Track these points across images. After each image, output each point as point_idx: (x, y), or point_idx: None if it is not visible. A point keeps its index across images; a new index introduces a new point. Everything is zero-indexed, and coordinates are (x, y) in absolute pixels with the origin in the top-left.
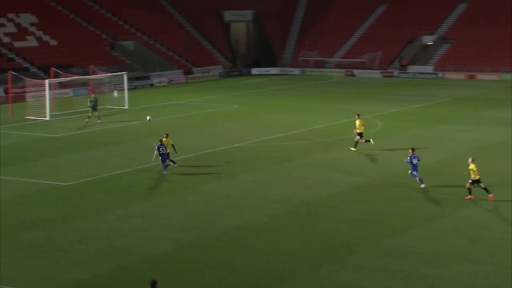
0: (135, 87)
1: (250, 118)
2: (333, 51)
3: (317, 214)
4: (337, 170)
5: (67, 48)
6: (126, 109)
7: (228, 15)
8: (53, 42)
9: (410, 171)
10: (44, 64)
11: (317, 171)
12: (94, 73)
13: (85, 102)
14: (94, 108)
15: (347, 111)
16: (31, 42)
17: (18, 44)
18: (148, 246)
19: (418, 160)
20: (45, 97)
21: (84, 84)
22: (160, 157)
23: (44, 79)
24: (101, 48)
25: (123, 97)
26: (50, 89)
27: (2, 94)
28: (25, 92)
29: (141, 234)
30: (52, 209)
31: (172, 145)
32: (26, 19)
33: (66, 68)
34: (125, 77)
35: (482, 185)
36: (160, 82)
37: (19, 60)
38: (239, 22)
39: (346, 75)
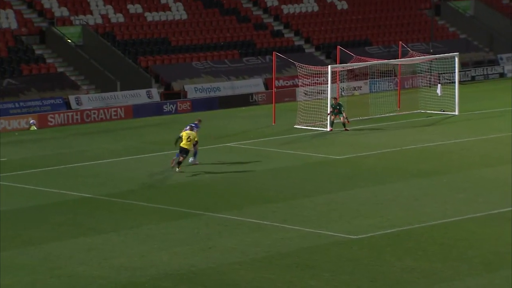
0: (473, 79)
1: None
2: None
3: None
4: None
5: (363, 14)
6: (455, 115)
7: None
8: (342, 5)
9: None
10: (326, 42)
11: None
12: (406, 55)
13: (388, 102)
14: (335, 112)
15: None
16: (308, 4)
17: (288, 9)
18: None
19: None
20: (326, 94)
21: (387, 73)
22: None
23: (325, 64)
24: (417, 13)
25: (451, 96)
26: (333, 81)
27: (262, 88)
28: (295, 85)
29: None
30: (336, 278)
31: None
32: None
33: (360, 46)
34: (457, 61)
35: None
36: None
37: (289, 34)
38: None
39: None
